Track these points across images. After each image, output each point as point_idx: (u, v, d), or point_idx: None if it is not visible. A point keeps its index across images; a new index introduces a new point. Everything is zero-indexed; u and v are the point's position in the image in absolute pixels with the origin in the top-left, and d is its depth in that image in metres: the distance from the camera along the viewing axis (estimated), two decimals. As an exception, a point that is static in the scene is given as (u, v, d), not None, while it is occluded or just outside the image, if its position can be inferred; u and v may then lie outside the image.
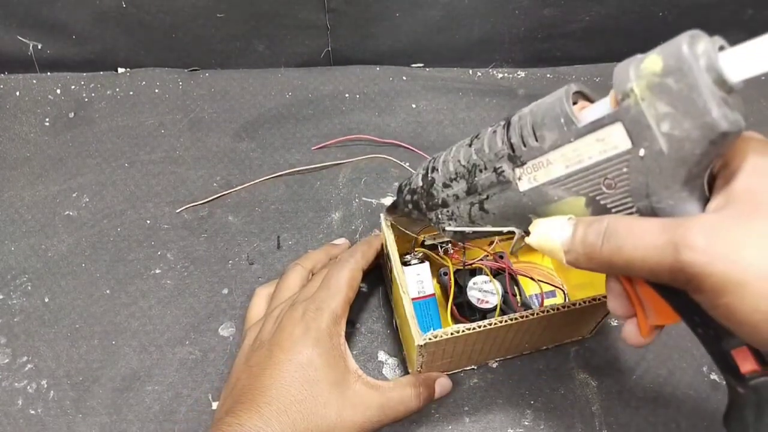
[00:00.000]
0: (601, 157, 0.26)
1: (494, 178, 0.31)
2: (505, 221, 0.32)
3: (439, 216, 0.36)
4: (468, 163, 0.32)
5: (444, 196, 0.35)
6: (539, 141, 0.28)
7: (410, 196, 0.37)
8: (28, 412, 0.46)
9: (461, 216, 0.34)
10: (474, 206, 0.33)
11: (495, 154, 0.30)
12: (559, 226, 0.28)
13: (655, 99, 0.24)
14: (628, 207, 0.26)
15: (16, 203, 0.56)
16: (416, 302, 0.43)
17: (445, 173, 0.34)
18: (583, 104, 0.28)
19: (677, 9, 0.59)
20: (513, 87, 0.63)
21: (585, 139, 0.26)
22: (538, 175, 0.29)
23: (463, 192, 0.33)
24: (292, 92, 0.62)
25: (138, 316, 0.50)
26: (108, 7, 0.57)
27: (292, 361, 0.38)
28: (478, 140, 0.32)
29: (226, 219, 0.55)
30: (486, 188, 0.32)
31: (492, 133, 0.31)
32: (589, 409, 0.46)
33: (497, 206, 0.32)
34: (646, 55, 0.24)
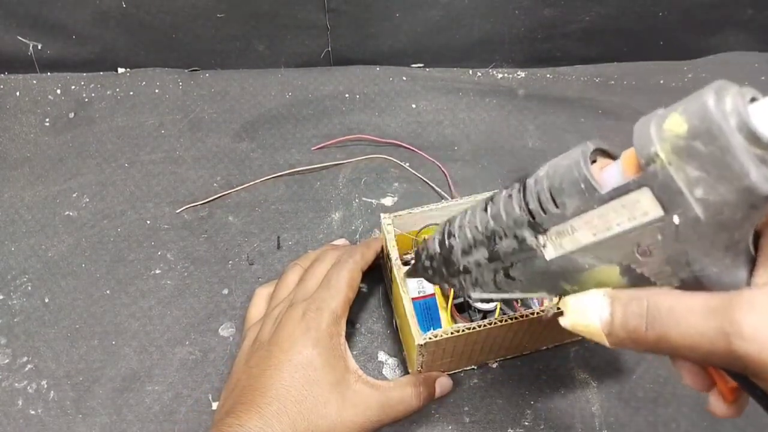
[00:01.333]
0: (631, 225, 0.24)
1: (516, 246, 0.28)
2: (535, 288, 0.30)
3: (463, 283, 0.33)
4: (486, 230, 0.30)
5: (465, 263, 0.32)
6: (560, 208, 0.26)
7: (429, 262, 0.35)
8: (28, 412, 0.46)
9: (486, 282, 0.32)
10: (498, 273, 0.31)
11: (514, 221, 0.28)
12: (595, 304, 0.25)
13: (684, 163, 0.21)
14: (668, 276, 0.24)
15: (16, 203, 0.56)
16: (416, 302, 0.43)
17: (463, 240, 0.32)
18: (603, 162, 0.26)
19: (677, 9, 0.59)
20: (513, 87, 0.63)
21: (610, 206, 0.24)
22: (564, 243, 0.26)
23: (485, 259, 0.31)
24: (292, 92, 0.62)
25: (138, 317, 0.50)
26: (108, 7, 0.57)
27: (292, 362, 0.38)
28: (493, 205, 0.29)
29: (226, 219, 0.55)
30: (509, 256, 0.29)
31: (507, 197, 0.28)
32: (589, 409, 0.46)
33: (523, 273, 0.29)
34: (668, 113, 0.22)
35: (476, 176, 0.57)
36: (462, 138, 0.59)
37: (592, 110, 0.60)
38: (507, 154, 0.58)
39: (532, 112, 0.60)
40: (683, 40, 0.63)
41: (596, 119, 0.60)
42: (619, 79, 0.63)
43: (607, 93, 0.63)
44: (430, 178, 0.56)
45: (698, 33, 0.63)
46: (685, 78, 0.63)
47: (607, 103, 0.61)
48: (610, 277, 0.26)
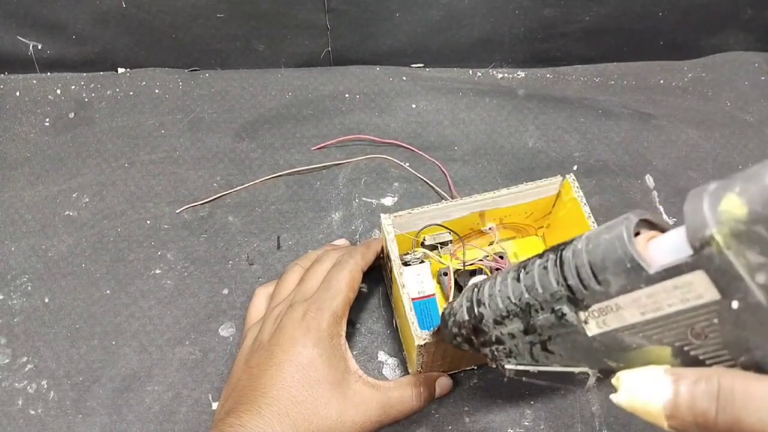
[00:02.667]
0: (684, 306, 0.22)
1: (554, 320, 0.27)
2: (575, 362, 0.28)
3: (495, 353, 0.32)
4: (520, 302, 0.28)
5: (497, 333, 0.30)
6: (603, 285, 0.24)
7: (457, 329, 0.33)
8: (28, 412, 0.46)
9: (521, 354, 0.30)
10: (535, 346, 0.29)
11: (551, 295, 0.26)
12: (655, 382, 0.23)
13: (744, 248, 0.19)
14: (727, 360, 0.22)
15: (16, 203, 0.56)
16: (416, 302, 0.43)
17: (494, 309, 0.30)
18: (648, 234, 0.24)
19: (677, 9, 0.59)
20: (513, 87, 0.63)
21: (661, 286, 0.22)
22: (608, 320, 0.25)
23: (520, 331, 0.29)
24: (292, 92, 0.62)
25: (138, 317, 0.50)
26: (108, 7, 0.57)
27: (292, 362, 0.38)
28: (527, 275, 0.28)
29: (226, 219, 0.55)
30: (546, 329, 0.28)
31: (542, 269, 0.27)
32: (589, 409, 0.46)
33: (563, 348, 0.28)
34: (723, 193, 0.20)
35: (476, 176, 0.57)
36: (462, 138, 0.59)
37: (592, 110, 0.60)
38: (507, 154, 0.58)
39: (532, 112, 0.60)
40: (683, 40, 0.63)
41: (596, 119, 0.60)
42: (619, 79, 0.63)
43: (607, 93, 0.63)
44: (430, 178, 0.56)
45: (698, 33, 0.63)
46: (685, 78, 0.63)
47: (607, 103, 0.61)
48: (661, 358, 0.24)
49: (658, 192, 0.56)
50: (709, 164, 0.58)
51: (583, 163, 0.57)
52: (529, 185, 0.44)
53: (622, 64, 0.64)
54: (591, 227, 0.42)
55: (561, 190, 0.45)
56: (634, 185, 0.56)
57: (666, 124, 0.60)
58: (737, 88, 0.62)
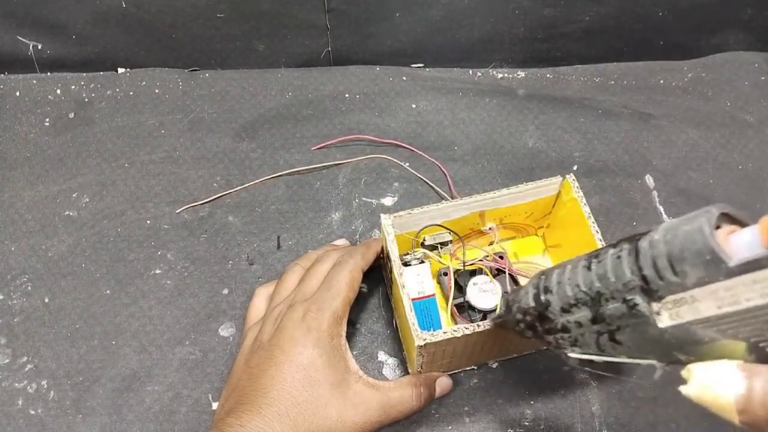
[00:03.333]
0: (763, 302, 0.22)
1: (625, 310, 0.27)
2: (643, 354, 0.28)
3: (560, 341, 0.32)
4: (590, 290, 0.28)
5: (563, 321, 0.30)
6: (680, 276, 0.24)
7: (521, 316, 0.33)
8: (28, 412, 0.46)
9: (587, 343, 0.30)
10: (602, 336, 0.29)
11: (624, 284, 0.26)
12: (727, 376, 0.23)
13: None
14: None
15: (16, 203, 0.56)
16: (416, 302, 0.43)
17: (562, 297, 0.30)
18: (729, 228, 0.24)
19: (677, 9, 0.59)
20: (513, 87, 0.63)
21: (740, 279, 0.22)
22: (681, 312, 0.25)
23: (587, 320, 0.29)
24: (292, 92, 0.62)
25: (138, 317, 0.50)
26: (108, 7, 0.57)
27: (292, 362, 0.38)
28: (599, 264, 0.28)
29: (226, 219, 0.55)
30: (616, 319, 0.28)
31: (616, 258, 0.27)
32: (589, 409, 0.46)
33: (632, 339, 0.28)
34: None
35: (476, 176, 0.57)
36: (462, 138, 0.59)
37: (592, 110, 0.60)
38: (507, 154, 0.58)
39: (532, 112, 0.60)
40: (683, 40, 0.63)
41: (596, 119, 0.60)
42: (619, 79, 0.63)
43: (607, 93, 0.62)
44: (430, 178, 0.56)
45: (698, 33, 0.63)
46: (685, 78, 0.63)
47: (607, 103, 0.61)
48: (734, 353, 0.24)
49: (658, 192, 0.56)
50: (709, 164, 0.58)
51: (583, 163, 0.57)
52: (529, 185, 0.44)
53: (622, 64, 0.64)
54: (591, 227, 0.42)
55: (561, 190, 0.45)
56: (634, 185, 0.56)
57: (666, 124, 0.60)
58: (737, 88, 0.62)
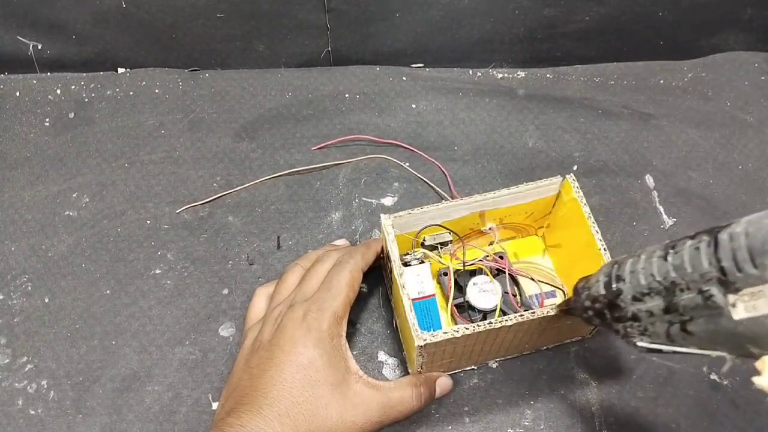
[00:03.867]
0: None
1: (700, 301, 0.27)
2: (714, 345, 0.28)
3: (628, 329, 0.32)
4: (664, 280, 0.28)
5: (634, 309, 0.31)
6: (759, 269, 0.24)
7: (590, 303, 0.34)
8: (28, 412, 0.46)
9: (657, 333, 0.30)
10: (673, 326, 0.29)
11: (700, 275, 0.26)
12: None
13: None
14: None
15: (16, 203, 0.56)
16: (416, 302, 0.43)
17: (634, 285, 0.30)
18: None
19: (677, 9, 0.59)
20: (513, 87, 0.63)
21: None
22: (758, 305, 0.25)
23: (659, 310, 0.29)
24: (292, 92, 0.62)
25: (138, 317, 0.50)
26: (108, 7, 0.57)
27: (293, 363, 0.38)
28: (675, 255, 0.28)
29: (226, 219, 0.55)
30: (689, 310, 0.28)
31: (694, 249, 0.27)
32: (589, 409, 0.46)
33: (704, 330, 0.28)
34: None
35: (476, 176, 0.57)
36: (462, 138, 0.59)
37: (592, 110, 0.60)
38: (507, 154, 0.58)
39: (532, 112, 0.60)
40: (683, 40, 0.63)
41: (596, 119, 0.60)
42: (619, 79, 0.63)
43: (607, 93, 0.62)
44: (430, 178, 0.56)
45: (698, 33, 0.63)
46: (685, 78, 0.63)
47: (607, 103, 0.61)
48: None
49: (658, 192, 0.56)
50: (709, 164, 0.58)
51: (583, 163, 0.57)
52: (529, 185, 0.44)
53: (622, 64, 0.64)
54: (591, 227, 0.42)
55: (561, 190, 0.45)
56: (634, 185, 0.56)
57: (666, 124, 0.60)
58: (737, 88, 0.62)
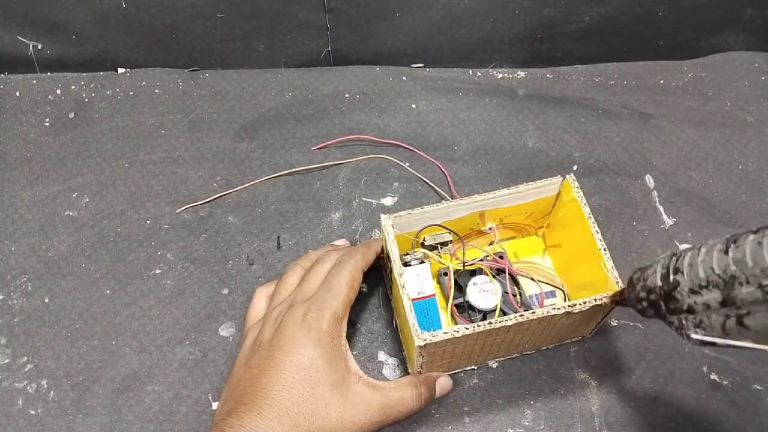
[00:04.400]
0: None
1: (759, 296, 0.27)
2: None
3: (683, 321, 0.32)
4: (724, 273, 0.29)
5: (691, 302, 0.31)
6: None
7: (645, 294, 0.34)
8: (28, 412, 0.46)
9: (712, 326, 0.31)
10: (730, 319, 0.29)
11: (762, 270, 0.27)
12: None
13: None
14: None
15: (16, 203, 0.56)
16: (416, 303, 0.43)
17: (693, 278, 0.30)
18: None
19: (677, 9, 0.59)
20: (513, 87, 0.63)
21: None
22: None
23: (717, 303, 0.30)
24: (292, 92, 0.62)
25: (138, 317, 0.50)
26: (108, 7, 0.57)
27: (293, 363, 0.38)
28: (737, 249, 0.28)
29: (226, 219, 0.55)
30: (747, 304, 0.28)
31: (757, 244, 0.27)
32: (589, 409, 0.46)
33: (761, 324, 0.28)
34: None
35: (476, 176, 0.57)
36: (462, 138, 0.59)
37: (592, 110, 0.60)
38: (507, 154, 0.58)
39: (532, 112, 0.60)
40: (683, 40, 0.63)
41: (596, 119, 0.60)
42: (619, 79, 0.63)
43: (607, 93, 0.62)
44: (430, 178, 0.56)
45: (698, 33, 0.63)
46: (685, 78, 0.63)
47: (607, 103, 0.61)
48: None
49: (658, 192, 0.56)
50: (709, 164, 0.58)
51: (583, 163, 0.57)
52: (529, 185, 0.44)
53: (622, 64, 0.64)
54: (591, 227, 0.42)
55: (561, 190, 0.45)
56: (634, 185, 0.56)
57: (666, 124, 0.60)
58: (737, 88, 0.62)
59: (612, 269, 0.40)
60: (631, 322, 0.49)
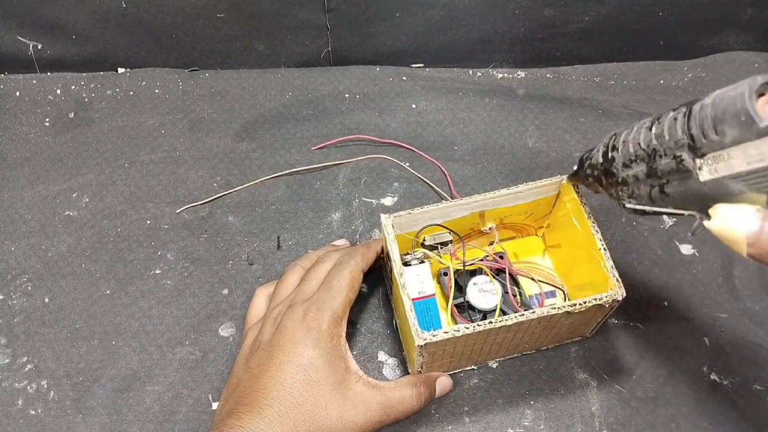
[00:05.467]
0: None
1: (674, 165, 0.31)
2: (686, 205, 0.32)
3: (619, 193, 0.37)
4: (648, 148, 0.32)
5: (624, 175, 0.35)
6: (719, 135, 0.28)
7: (590, 171, 0.38)
8: (28, 412, 0.46)
9: (641, 196, 0.35)
10: (654, 189, 0.33)
11: (675, 142, 0.30)
12: (745, 216, 0.28)
13: None
14: None
15: (16, 203, 0.56)
16: (416, 302, 0.43)
17: (624, 154, 0.34)
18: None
19: (677, 9, 0.59)
20: (513, 87, 0.63)
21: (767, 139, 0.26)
22: (718, 168, 0.29)
23: (643, 174, 0.33)
24: (292, 92, 0.62)
25: (138, 317, 0.50)
26: (108, 7, 0.57)
27: (293, 363, 0.38)
28: (658, 125, 0.32)
29: (226, 219, 0.55)
30: (666, 174, 0.32)
31: (672, 120, 0.30)
32: (589, 409, 0.46)
33: (677, 191, 0.32)
34: None
35: (476, 176, 0.57)
36: (462, 138, 0.59)
37: (592, 110, 0.60)
38: (507, 154, 0.58)
39: (532, 112, 0.60)
40: (683, 40, 0.63)
41: (596, 119, 0.60)
42: (619, 79, 0.63)
43: (607, 93, 0.62)
44: (430, 178, 0.56)
45: (698, 33, 0.63)
46: (685, 78, 0.63)
47: (607, 103, 0.61)
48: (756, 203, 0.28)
49: (658, 192, 0.56)
50: (709, 164, 0.58)
51: (583, 163, 0.57)
52: (529, 185, 0.44)
53: (622, 64, 0.64)
54: (591, 227, 0.42)
55: (561, 190, 0.45)
56: (634, 185, 0.56)
57: (666, 124, 0.60)
58: (737, 88, 0.62)
59: (612, 269, 0.40)
60: (631, 322, 0.49)
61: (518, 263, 0.50)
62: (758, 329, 0.48)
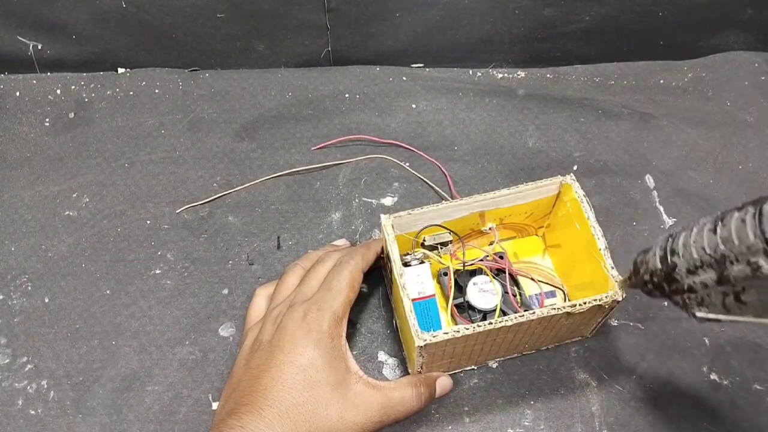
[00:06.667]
0: None
1: (749, 272, 0.28)
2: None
3: (687, 301, 0.33)
4: (715, 253, 0.29)
5: (690, 282, 0.32)
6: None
7: (649, 277, 0.35)
8: (28, 412, 0.46)
9: (713, 303, 0.31)
10: (728, 297, 0.30)
11: (747, 247, 0.27)
12: None
13: None
14: None
15: (16, 203, 0.56)
16: (416, 303, 0.43)
17: (688, 259, 0.31)
18: None
19: (677, 9, 0.59)
20: (513, 87, 0.63)
21: None
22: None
23: (713, 281, 0.30)
24: (292, 92, 0.62)
25: (138, 317, 0.50)
26: (108, 7, 0.57)
27: (293, 363, 0.38)
28: (723, 227, 0.29)
29: (226, 219, 0.55)
30: (740, 281, 0.29)
31: (740, 222, 0.27)
32: (589, 409, 0.46)
33: (757, 299, 0.29)
34: None
35: (476, 176, 0.57)
36: (462, 138, 0.59)
37: (592, 110, 0.60)
38: (507, 154, 0.58)
39: (532, 112, 0.60)
40: (683, 40, 0.63)
41: (596, 119, 0.60)
42: (619, 79, 0.63)
43: (607, 93, 0.63)
44: (430, 178, 0.56)
45: (698, 33, 0.63)
46: (685, 78, 0.63)
47: (607, 103, 0.61)
48: None
49: (658, 192, 0.56)
50: (709, 164, 0.58)
51: (583, 163, 0.57)
52: (529, 185, 0.44)
53: (622, 64, 0.64)
54: (591, 227, 0.42)
55: (561, 191, 0.45)
56: (634, 185, 0.56)
57: (666, 124, 0.60)
58: (737, 88, 0.62)
59: (612, 269, 0.40)
60: (631, 322, 0.49)
61: (518, 263, 0.50)
62: (758, 329, 0.48)
